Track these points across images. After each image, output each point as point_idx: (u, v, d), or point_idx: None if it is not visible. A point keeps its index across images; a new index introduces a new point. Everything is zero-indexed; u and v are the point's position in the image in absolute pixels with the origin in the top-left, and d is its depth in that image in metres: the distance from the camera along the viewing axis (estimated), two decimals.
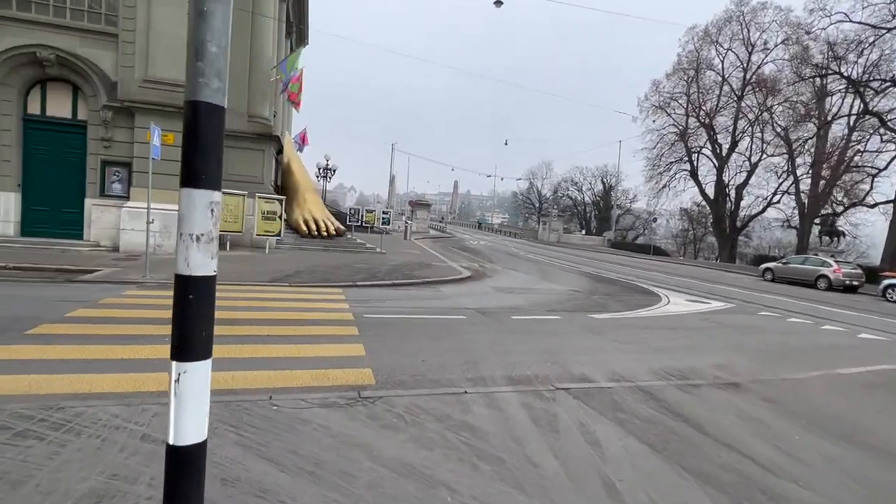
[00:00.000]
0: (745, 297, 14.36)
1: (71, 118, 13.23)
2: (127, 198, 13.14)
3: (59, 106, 13.19)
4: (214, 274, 1.44)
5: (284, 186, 19.46)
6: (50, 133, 13.09)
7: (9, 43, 12.26)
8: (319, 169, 30.50)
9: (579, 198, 66.42)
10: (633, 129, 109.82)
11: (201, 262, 1.37)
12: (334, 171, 30.54)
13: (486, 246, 33.52)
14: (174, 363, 1.42)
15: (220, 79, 1.38)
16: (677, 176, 43.48)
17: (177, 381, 1.42)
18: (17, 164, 12.78)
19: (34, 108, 13.01)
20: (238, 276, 10.62)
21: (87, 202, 13.20)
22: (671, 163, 43.45)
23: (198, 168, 1.36)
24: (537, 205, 70.56)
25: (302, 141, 31.23)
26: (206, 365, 1.49)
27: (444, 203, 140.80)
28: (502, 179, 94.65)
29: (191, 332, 1.42)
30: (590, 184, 64.29)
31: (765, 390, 5.14)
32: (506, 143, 50.54)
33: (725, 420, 4.18)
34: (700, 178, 42.22)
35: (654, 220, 47.20)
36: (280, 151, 19.50)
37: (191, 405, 1.46)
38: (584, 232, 59.55)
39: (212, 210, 1.39)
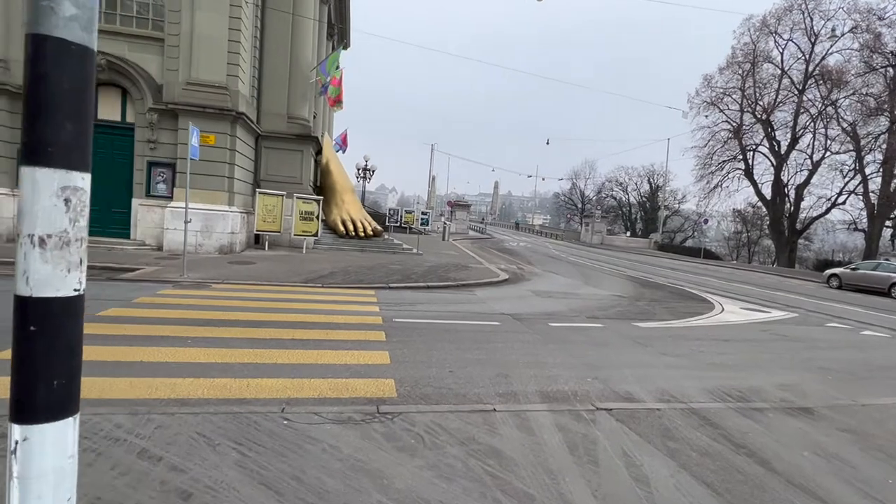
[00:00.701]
0: (809, 306, 13.17)
1: (120, 121, 13.69)
2: (170, 198, 13.45)
3: (109, 109, 13.67)
4: (77, 294, 1.03)
5: (323, 187, 19.58)
6: (101, 136, 13.55)
7: None
8: (359, 169, 30.72)
9: (624, 198, 64.29)
10: (682, 127, 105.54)
11: (49, 278, 0.96)
12: (373, 171, 30.68)
13: (526, 247, 32.81)
14: (12, 426, 1.00)
15: (76, 4, 0.91)
16: (730, 175, 41.17)
17: (14, 452, 0.98)
18: None
19: None
20: (271, 276, 10.60)
21: (134, 202, 13.62)
22: (724, 161, 41.17)
23: (43, 138, 0.91)
24: (580, 206, 68.86)
25: (343, 142, 31.59)
26: (61, 429, 1.04)
27: (484, 204, 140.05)
28: (543, 180, 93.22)
29: (35, 382, 0.98)
30: (635, 184, 62.14)
31: (843, 418, 4.45)
32: (547, 143, 49.58)
33: (798, 455, 3.58)
34: (755, 178, 39.79)
35: (706, 221, 44.93)
36: (319, 152, 19.64)
37: (37, 490, 0.98)
38: (628, 234, 57.52)
39: (66, 200, 0.94)
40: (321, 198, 16.73)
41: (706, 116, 40.36)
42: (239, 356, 4.88)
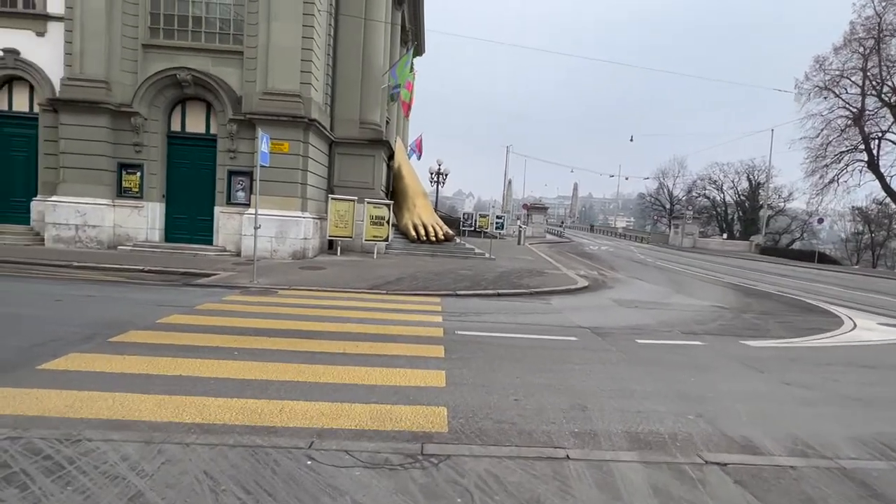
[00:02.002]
0: None
1: (204, 132, 14.37)
2: (248, 205, 13.83)
3: (195, 122, 14.41)
4: None
5: (395, 191, 19.48)
6: (187, 147, 14.34)
7: (156, 68, 13.64)
8: (432, 174, 30.58)
9: (719, 198, 58.81)
10: (788, 116, 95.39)
11: None
12: (446, 175, 30.39)
13: (608, 251, 30.82)
14: None
15: None
16: (850, 168, 36.11)
17: None
18: (161, 177, 14.18)
19: (175, 125, 14.36)
20: (338, 281, 10.39)
21: (216, 210, 14.20)
22: (841, 153, 36.19)
23: None
24: (668, 206, 64.13)
25: (418, 148, 31.68)
26: None
27: (562, 207, 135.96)
28: (627, 179, 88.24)
29: None
30: (732, 181, 56.57)
31: None
32: (631, 140, 46.32)
33: None
34: (882, 170, 34.49)
35: (820, 221, 39.74)
36: (391, 157, 19.58)
37: None
38: (724, 236, 52.52)
39: None
40: (391, 202, 16.55)
41: (824, 99, 35.57)
42: (280, 372, 4.45)
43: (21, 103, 14.28)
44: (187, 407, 3.60)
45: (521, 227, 32.57)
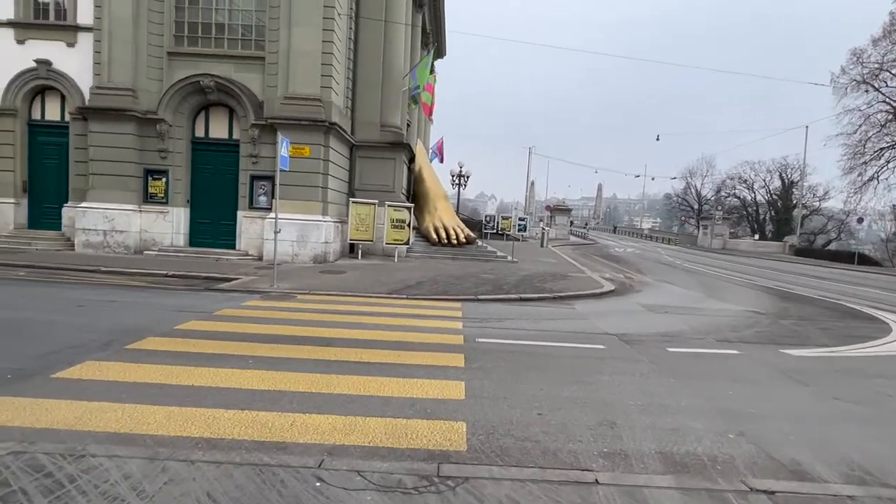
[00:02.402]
0: None
1: (227, 138, 14.51)
2: (270, 209, 13.87)
3: (218, 128, 14.57)
4: None
5: (416, 194, 19.36)
6: (211, 153, 14.50)
7: (180, 75, 13.84)
8: (453, 176, 30.41)
9: (749, 197, 57.02)
10: (822, 112, 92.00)
11: None
12: (468, 177, 30.18)
13: (634, 254, 30.08)
14: None
15: None
16: (890, 164, 34.43)
17: None
18: (186, 182, 14.37)
19: (199, 131, 14.54)
20: (358, 286, 10.28)
21: (239, 214, 14.30)
22: (881, 149, 34.57)
23: None
24: (696, 207, 62.47)
25: (439, 151, 31.55)
26: None
27: (586, 208, 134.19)
28: (653, 179, 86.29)
29: None
30: (763, 180, 54.76)
31: None
32: (657, 139, 45.29)
33: None
34: None
35: (860, 220, 38.02)
36: (412, 160, 19.47)
37: None
38: (756, 237, 50.87)
39: None
40: (412, 205, 16.43)
41: (865, 92, 34.01)
42: (295, 383, 4.31)
43: (53, 112, 14.68)
44: (196, 420, 3.48)
45: (544, 229, 32.11)
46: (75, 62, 14.15)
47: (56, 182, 14.62)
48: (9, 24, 14.04)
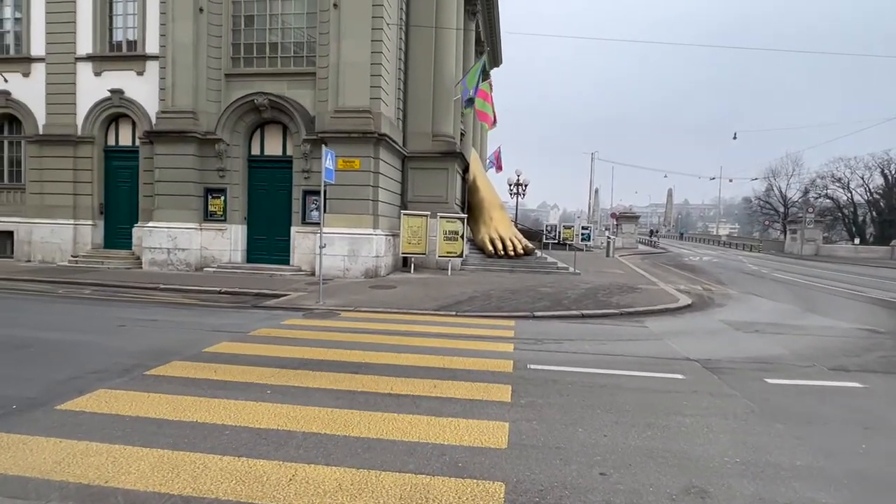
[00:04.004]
0: None
1: (281, 154, 14.65)
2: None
3: (272, 145, 14.76)
4: None
5: (470, 205, 18.71)
6: (265, 170, 14.70)
7: (236, 95, 14.16)
8: (510, 185, 29.49)
9: (844, 198, 51.21)
10: None
11: None
12: (526, 185, 29.14)
13: (712, 262, 27.58)
14: None
15: None
16: None
17: None
18: (243, 200, 14.63)
19: (255, 149, 14.80)
20: (405, 302, 9.72)
21: (293, 230, 14.32)
22: None
23: None
24: (781, 210, 57.08)
25: (496, 161, 30.83)
26: None
27: (656, 214, 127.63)
28: (731, 181, 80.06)
29: None
30: (861, 178, 48.96)
31: None
32: (734, 137, 41.65)
33: None
34: None
35: None
36: (466, 169, 18.89)
37: None
38: (856, 241, 45.47)
39: None
40: (465, 216, 15.78)
41: None
42: (309, 420, 3.72)
43: (125, 138, 15.56)
44: (183, 469, 2.95)
45: (609, 238, 30.32)
46: (144, 89, 14.91)
47: (128, 204, 15.42)
48: (88, 58, 15.08)
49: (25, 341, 5.87)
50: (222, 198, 14.43)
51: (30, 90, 15.48)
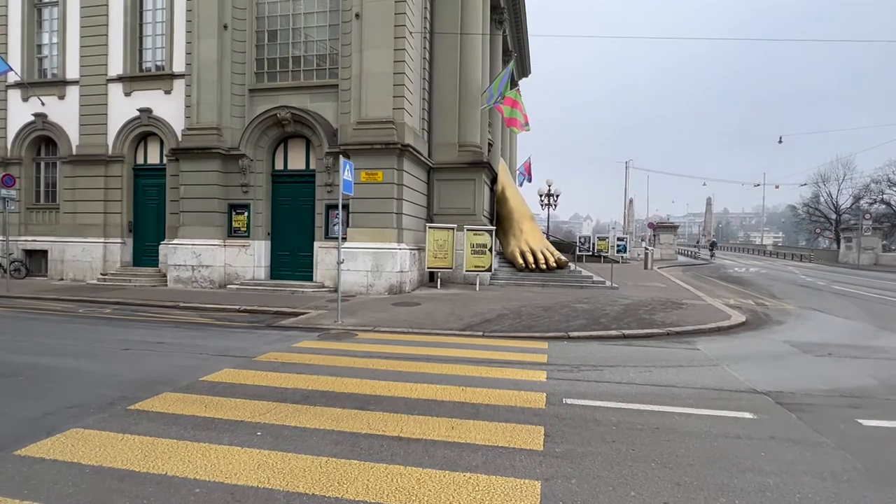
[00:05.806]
0: None
1: (304, 169, 14.37)
2: (344, 238, 13.34)
3: (296, 159, 14.51)
4: None
5: (499, 216, 17.99)
6: (289, 185, 14.44)
7: (260, 110, 14.01)
8: (541, 196, 28.59)
9: None
10: None
11: None
12: (557, 196, 28.17)
13: (760, 273, 25.81)
14: None
15: None
16: None
17: None
18: (267, 215, 14.39)
19: (279, 164, 14.58)
20: (429, 321, 9.06)
21: (315, 245, 13.95)
22: None
23: None
24: (833, 216, 53.73)
25: (527, 172, 30.04)
26: None
27: (694, 224, 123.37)
28: (777, 188, 76.07)
29: None
30: None
31: None
32: (780, 141, 39.40)
33: None
34: None
35: None
36: (494, 180, 18.21)
37: None
38: None
39: None
40: (493, 228, 15.04)
41: None
42: (296, 476, 3.08)
43: (153, 156, 15.66)
44: None
45: (647, 249, 28.92)
46: (172, 108, 14.99)
47: (155, 221, 15.45)
48: (118, 79, 15.30)
49: (17, 368, 5.51)
50: (246, 213, 14.23)
51: (64, 112, 15.83)
